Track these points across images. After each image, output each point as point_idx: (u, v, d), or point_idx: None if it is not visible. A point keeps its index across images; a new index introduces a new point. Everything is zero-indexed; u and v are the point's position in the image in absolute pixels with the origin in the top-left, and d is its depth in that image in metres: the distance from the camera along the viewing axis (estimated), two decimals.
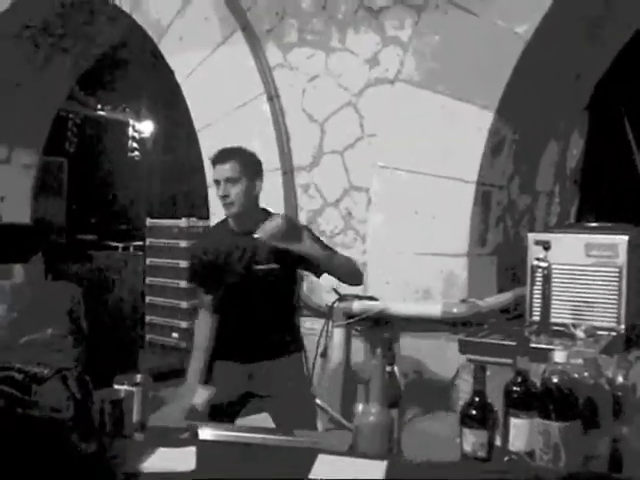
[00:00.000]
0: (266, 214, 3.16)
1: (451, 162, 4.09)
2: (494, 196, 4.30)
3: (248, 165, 3.12)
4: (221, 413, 3.11)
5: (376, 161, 4.31)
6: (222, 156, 3.13)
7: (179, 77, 5.13)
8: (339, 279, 3.34)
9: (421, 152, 4.17)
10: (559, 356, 1.88)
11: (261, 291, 3.16)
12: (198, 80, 5.02)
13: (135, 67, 9.34)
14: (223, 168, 3.09)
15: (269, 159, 4.69)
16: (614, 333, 3.53)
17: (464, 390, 3.54)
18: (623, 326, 3.57)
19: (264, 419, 3.21)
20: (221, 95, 4.90)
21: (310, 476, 1.68)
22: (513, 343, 3.13)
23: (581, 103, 4.99)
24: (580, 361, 1.96)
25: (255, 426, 2.50)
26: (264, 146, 4.69)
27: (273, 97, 4.69)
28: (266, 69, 4.71)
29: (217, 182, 3.12)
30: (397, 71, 4.25)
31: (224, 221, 3.28)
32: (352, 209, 4.45)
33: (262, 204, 3.26)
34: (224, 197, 3.09)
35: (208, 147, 5.03)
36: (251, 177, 3.11)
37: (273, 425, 3.14)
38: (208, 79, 4.96)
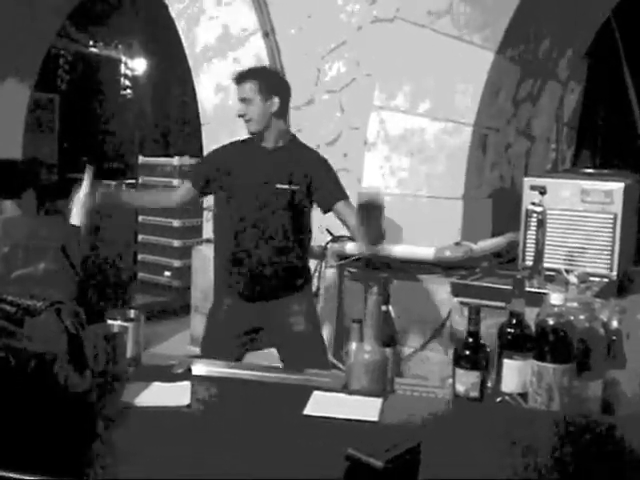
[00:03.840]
0: (293, 137, 3.36)
1: (449, 103, 4.05)
2: (491, 139, 4.26)
3: (264, 84, 3.24)
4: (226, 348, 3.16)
5: (373, 101, 4.25)
6: (239, 77, 3.30)
7: (173, 12, 5.03)
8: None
9: (418, 92, 4.12)
10: (555, 298, 1.88)
11: (277, 211, 3.20)
12: (192, 15, 4.92)
13: (128, 2, 9.18)
14: (240, 89, 3.27)
15: None
16: (606, 280, 3.54)
17: (455, 332, 3.57)
18: (615, 273, 3.58)
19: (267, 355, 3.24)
20: (216, 31, 4.81)
21: (305, 412, 1.69)
22: (505, 286, 3.16)
23: (582, 47, 4.92)
24: (575, 304, 1.96)
25: (250, 363, 2.51)
26: None
27: (269, 33, 4.61)
28: (262, 4, 4.62)
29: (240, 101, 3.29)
30: (396, 9, 4.17)
31: (251, 138, 3.33)
32: (348, 150, 4.41)
33: None
34: (240, 116, 3.25)
35: (202, 84, 4.96)
36: (266, 96, 3.22)
37: (277, 361, 3.19)
38: (202, 14, 4.87)
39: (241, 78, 3.28)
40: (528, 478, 1.47)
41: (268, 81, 3.28)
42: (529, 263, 3.62)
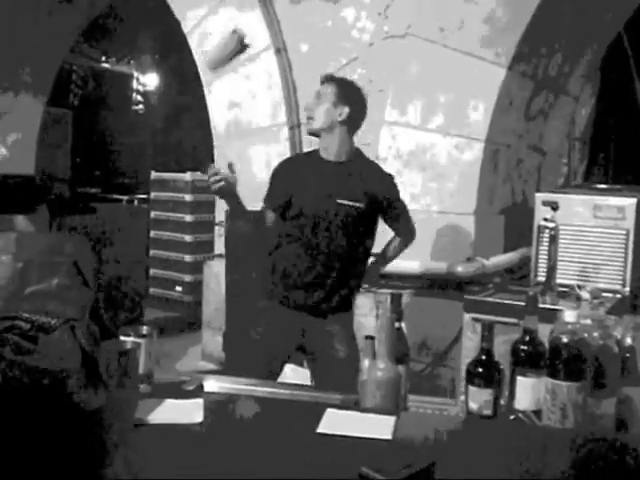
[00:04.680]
0: (361, 155, 3.25)
1: (460, 119, 4.05)
2: (502, 154, 4.26)
3: (341, 90, 3.17)
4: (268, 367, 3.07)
5: (384, 117, 4.26)
6: (325, 78, 3.26)
7: (185, 28, 5.06)
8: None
9: (430, 108, 4.13)
10: (569, 315, 1.87)
11: (339, 227, 3.10)
12: (205, 31, 4.95)
13: (140, 18, 9.24)
14: (320, 87, 3.21)
15: (276, 113, 4.66)
16: (619, 295, 3.52)
17: (467, 348, 3.55)
18: (628, 289, 3.56)
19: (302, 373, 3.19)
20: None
21: (319, 430, 1.68)
22: (518, 303, 3.14)
23: (593, 63, 4.92)
24: (589, 321, 1.95)
25: (262, 380, 2.50)
26: (271, 99, 4.65)
27: (281, 50, 4.63)
28: (274, 21, 4.64)
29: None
30: (408, 25, 4.18)
31: (315, 150, 3.25)
32: None
33: (267, 159, 3.27)
34: (306, 110, 3.27)
35: (214, 99, 4.99)
36: (339, 102, 3.14)
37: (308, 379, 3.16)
38: (215, 30, 4.89)
39: (326, 79, 3.24)
40: None
41: (347, 91, 3.20)
42: (542, 279, 3.61)
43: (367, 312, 4.22)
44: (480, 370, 1.90)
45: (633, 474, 1.58)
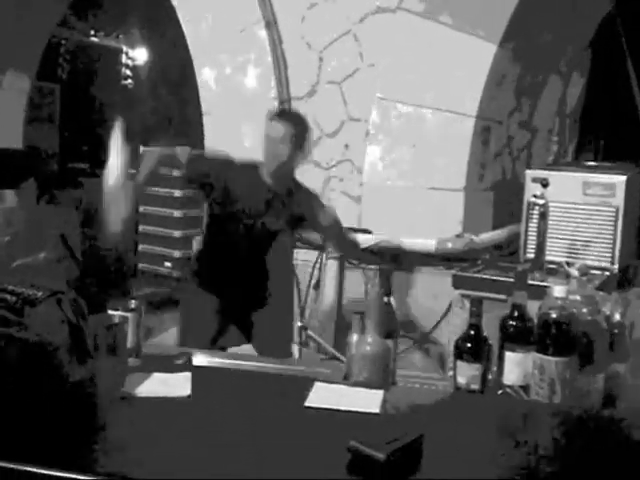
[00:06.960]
0: (296, 183, 3.34)
1: (451, 95, 4.03)
2: (493, 131, 4.25)
3: (299, 132, 3.24)
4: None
5: (375, 92, 4.24)
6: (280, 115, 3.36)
7: (174, 0, 5.01)
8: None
9: (421, 84, 4.11)
10: (558, 291, 1.87)
11: (258, 243, 3.33)
12: (194, 4, 4.90)
13: None
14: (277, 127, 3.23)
15: (266, 88, 4.63)
16: (607, 273, 3.53)
17: (455, 324, 3.57)
18: (617, 266, 3.57)
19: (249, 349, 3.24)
20: (218, 20, 4.79)
21: (306, 403, 1.68)
22: (506, 279, 3.15)
23: (584, 40, 4.90)
24: (578, 297, 1.95)
25: (250, 354, 2.51)
26: (261, 74, 4.61)
27: (271, 24, 4.58)
28: None
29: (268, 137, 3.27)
30: (399, 0, 4.15)
31: (257, 167, 3.33)
32: (349, 141, 4.40)
33: (259, 135, 3.32)
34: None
35: (203, 74, 4.95)
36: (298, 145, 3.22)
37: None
38: (205, 3, 4.84)
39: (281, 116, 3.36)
40: (530, 470, 1.47)
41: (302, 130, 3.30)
42: (531, 256, 3.61)
43: (355, 288, 4.23)
44: (468, 345, 1.90)
45: (619, 450, 1.59)
